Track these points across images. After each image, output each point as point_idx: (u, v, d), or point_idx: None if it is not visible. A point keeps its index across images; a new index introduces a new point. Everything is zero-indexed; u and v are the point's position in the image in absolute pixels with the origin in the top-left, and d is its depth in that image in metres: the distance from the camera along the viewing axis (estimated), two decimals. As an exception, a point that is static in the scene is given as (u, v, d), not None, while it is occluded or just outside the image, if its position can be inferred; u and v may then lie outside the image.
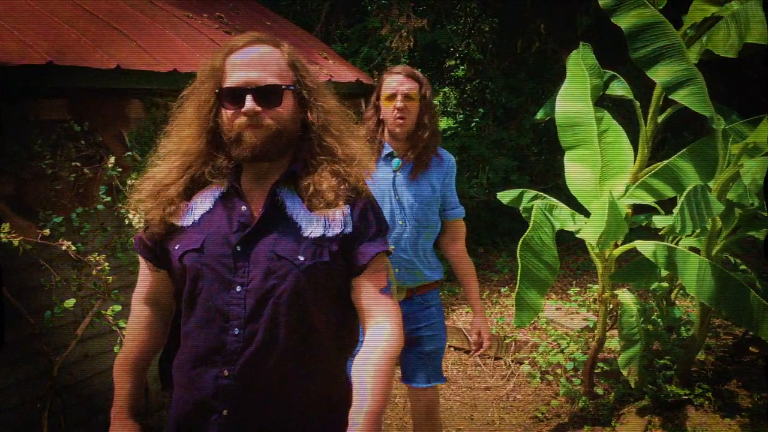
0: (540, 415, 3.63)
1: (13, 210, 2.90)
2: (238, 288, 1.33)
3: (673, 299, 3.99)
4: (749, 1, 3.01)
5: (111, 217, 3.15)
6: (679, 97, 2.99)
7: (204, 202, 1.40)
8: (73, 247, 2.66)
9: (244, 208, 1.37)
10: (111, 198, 3.07)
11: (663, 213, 3.59)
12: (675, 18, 3.20)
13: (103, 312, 2.84)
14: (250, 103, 1.31)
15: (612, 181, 3.30)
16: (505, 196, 3.74)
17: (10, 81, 2.76)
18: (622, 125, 3.43)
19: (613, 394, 3.59)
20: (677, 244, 3.35)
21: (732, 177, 3.07)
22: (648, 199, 3.22)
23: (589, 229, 2.91)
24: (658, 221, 3.52)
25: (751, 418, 3.32)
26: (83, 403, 3.26)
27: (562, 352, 3.90)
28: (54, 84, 2.98)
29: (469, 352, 4.53)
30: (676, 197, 3.05)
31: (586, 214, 3.29)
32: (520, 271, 3.07)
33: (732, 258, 3.76)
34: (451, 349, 4.54)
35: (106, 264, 2.76)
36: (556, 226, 3.20)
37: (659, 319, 3.70)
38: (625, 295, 3.38)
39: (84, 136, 3.11)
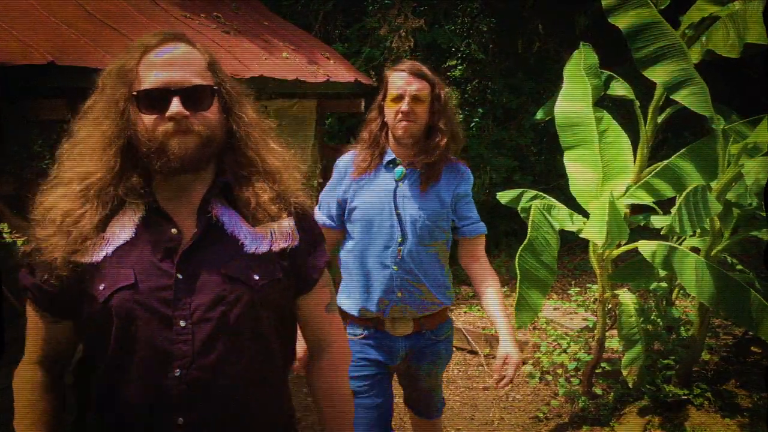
0: (540, 415, 3.64)
1: (13, 210, 2.89)
2: (182, 323, 1.15)
3: (674, 299, 3.98)
4: (752, 1, 3.01)
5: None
6: (680, 97, 2.99)
7: (123, 230, 1.19)
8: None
9: (175, 231, 1.19)
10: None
11: (661, 213, 3.59)
12: (673, 18, 3.20)
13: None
14: (177, 106, 1.14)
15: (613, 181, 3.30)
16: (505, 196, 3.74)
17: (11, 81, 2.76)
18: (622, 125, 3.43)
19: (612, 394, 3.59)
20: (680, 244, 3.35)
21: (734, 177, 3.07)
22: (648, 199, 3.22)
23: (592, 230, 2.90)
24: (656, 221, 3.52)
25: (750, 418, 3.32)
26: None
27: (565, 352, 3.90)
28: (54, 84, 2.97)
29: (471, 352, 4.53)
30: (675, 197, 3.06)
31: (585, 214, 3.29)
32: (518, 271, 3.07)
33: (729, 258, 3.76)
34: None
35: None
36: (555, 227, 3.20)
37: (658, 319, 3.70)
38: (625, 296, 3.38)
39: (84, 136, 3.11)
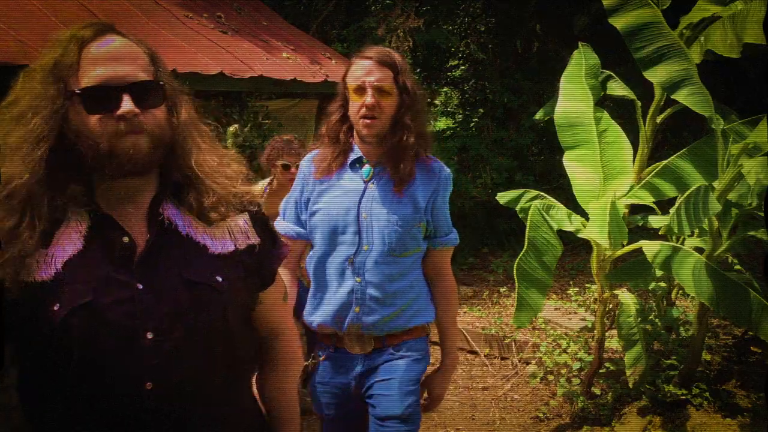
0: (540, 415, 3.63)
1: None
2: (149, 335, 1.08)
3: (674, 299, 3.98)
4: (753, 1, 3.01)
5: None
6: (680, 97, 2.99)
7: (69, 244, 1.09)
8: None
9: (126, 239, 1.10)
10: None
11: (659, 213, 3.59)
12: (673, 19, 3.20)
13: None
14: (128, 104, 1.05)
15: (613, 181, 3.30)
16: (504, 197, 3.73)
17: (11, 81, 2.76)
18: (621, 125, 3.42)
19: (611, 394, 3.59)
20: (682, 244, 3.34)
21: (735, 177, 3.07)
22: (649, 200, 3.22)
23: (593, 230, 2.89)
24: (655, 221, 3.51)
25: (750, 418, 3.32)
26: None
27: (566, 352, 3.90)
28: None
29: (471, 352, 4.52)
30: (673, 197, 3.06)
31: (584, 214, 3.29)
32: (516, 272, 3.07)
33: (730, 258, 3.75)
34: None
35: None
36: (554, 227, 3.20)
37: (657, 320, 3.70)
38: (625, 296, 3.37)
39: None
